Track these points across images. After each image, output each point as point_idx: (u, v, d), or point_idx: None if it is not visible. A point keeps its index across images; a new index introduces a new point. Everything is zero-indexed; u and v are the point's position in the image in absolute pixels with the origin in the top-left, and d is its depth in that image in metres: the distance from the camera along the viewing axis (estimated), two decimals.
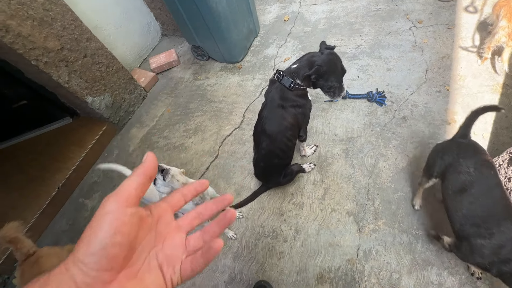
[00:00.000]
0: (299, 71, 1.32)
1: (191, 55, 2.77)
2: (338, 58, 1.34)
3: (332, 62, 1.31)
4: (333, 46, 1.38)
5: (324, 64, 1.29)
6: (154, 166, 0.34)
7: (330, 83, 1.34)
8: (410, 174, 1.59)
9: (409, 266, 1.35)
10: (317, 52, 1.38)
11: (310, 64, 1.31)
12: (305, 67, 1.31)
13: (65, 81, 1.93)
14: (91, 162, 2.30)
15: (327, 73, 1.31)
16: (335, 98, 1.44)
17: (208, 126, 2.19)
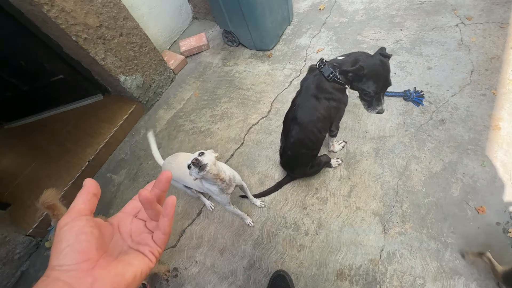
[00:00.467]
0: (341, 64, 1.26)
1: (221, 40, 2.75)
2: (386, 68, 1.23)
3: (377, 69, 1.21)
4: (389, 55, 1.28)
5: (367, 67, 1.19)
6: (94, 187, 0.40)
7: (367, 90, 1.25)
8: (444, 180, 1.52)
9: (435, 273, 1.31)
10: (369, 53, 1.30)
11: (354, 62, 1.24)
12: (349, 62, 1.25)
13: (101, 58, 1.98)
14: (120, 139, 2.38)
15: (367, 77, 1.21)
16: (369, 110, 1.36)
17: (234, 113, 2.19)
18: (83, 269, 0.31)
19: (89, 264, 0.32)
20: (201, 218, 1.78)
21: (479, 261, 1.27)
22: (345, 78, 1.29)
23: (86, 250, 0.32)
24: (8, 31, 1.92)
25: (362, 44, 2.21)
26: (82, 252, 0.32)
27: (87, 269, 0.31)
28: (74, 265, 0.31)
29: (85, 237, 0.33)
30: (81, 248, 0.32)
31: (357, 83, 1.27)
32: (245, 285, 1.49)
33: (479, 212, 1.39)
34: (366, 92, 1.27)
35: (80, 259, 0.32)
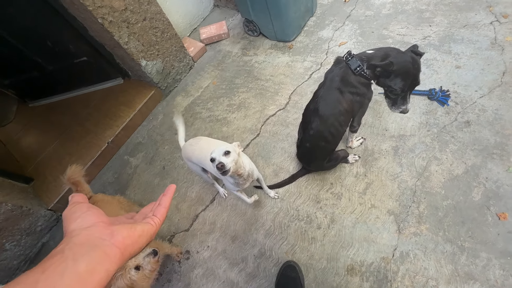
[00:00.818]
0: (370, 58, 1.23)
1: (241, 29, 2.72)
2: (417, 67, 1.18)
3: (407, 66, 1.16)
4: (422, 53, 1.23)
5: (397, 63, 1.15)
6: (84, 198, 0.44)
7: (393, 87, 1.21)
8: (465, 183, 1.48)
9: (449, 276, 1.29)
10: (400, 49, 1.25)
11: (384, 56, 1.21)
12: (378, 57, 1.22)
13: (124, 42, 2.01)
14: (138, 123, 2.43)
15: (395, 74, 1.17)
16: (392, 109, 1.33)
17: (252, 104, 2.19)
18: (100, 225, 0.37)
19: (104, 223, 0.38)
20: (215, 205, 1.81)
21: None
22: (372, 73, 1.25)
23: (99, 215, 0.39)
24: (37, 12, 1.97)
25: (387, 39, 2.14)
26: (96, 216, 0.38)
27: (104, 226, 0.37)
28: (92, 223, 0.37)
29: (95, 209, 0.40)
30: (94, 213, 0.39)
31: (384, 79, 1.24)
32: (255, 273, 1.52)
33: (500, 219, 1.35)
34: (393, 89, 1.23)
35: (96, 220, 0.38)
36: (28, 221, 1.94)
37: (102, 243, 0.34)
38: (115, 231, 0.37)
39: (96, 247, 0.34)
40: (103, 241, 0.35)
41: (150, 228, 0.42)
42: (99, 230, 0.36)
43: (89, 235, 0.35)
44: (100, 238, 0.35)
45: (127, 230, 0.38)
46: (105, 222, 0.38)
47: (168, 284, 1.62)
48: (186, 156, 1.53)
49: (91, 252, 0.33)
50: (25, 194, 2.06)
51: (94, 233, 0.35)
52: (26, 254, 2.00)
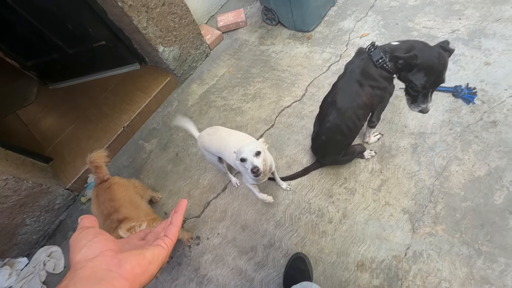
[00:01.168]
0: (394, 50, 1.17)
1: (259, 17, 2.67)
2: (443, 63, 1.11)
3: (432, 62, 1.09)
4: (452, 50, 1.15)
5: (421, 57, 1.09)
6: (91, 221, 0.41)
7: (415, 82, 1.15)
8: (487, 185, 1.42)
9: (463, 279, 1.26)
10: (428, 44, 1.18)
11: (409, 49, 1.14)
12: (403, 49, 1.16)
13: (143, 27, 2.01)
14: (153, 109, 2.46)
15: (418, 68, 1.11)
16: (411, 107, 1.27)
17: (267, 94, 2.16)
18: (107, 254, 0.34)
19: (111, 252, 0.35)
20: (226, 193, 1.83)
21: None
22: (394, 66, 1.20)
23: (106, 243, 0.36)
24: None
25: (412, 31, 2.04)
26: (103, 243, 0.36)
27: (111, 255, 0.34)
28: (99, 253, 0.34)
29: (102, 235, 0.37)
30: (101, 240, 0.36)
31: (406, 73, 1.18)
32: (263, 262, 1.54)
33: None
34: (414, 85, 1.18)
35: (102, 248, 0.35)
36: (47, 198, 2.02)
37: (108, 276, 0.32)
38: (123, 260, 0.34)
39: (102, 280, 0.31)
40: (110, 273, 0.32)
41: (161, 251, 0.39)
42: (105, 260, 0.33)
43: (94, 267, 0.32)
44: (107, 270, 0.32)
45: (136, 258, 0.35)
46: (113, 250, 0.35)
47: (178, 267, 1.67)
48: (203, 145, 1.52)
49: (97, 287, 0.30)
50: (44, 173, 2.14)
51: (101, 265, 0.33)
52: (44, 230, 2.09)
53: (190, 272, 1.63)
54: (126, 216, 1.32)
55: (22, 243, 1.99)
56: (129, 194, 1.51)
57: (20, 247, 2.00)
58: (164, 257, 0.39)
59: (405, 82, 1.24)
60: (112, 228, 1.28)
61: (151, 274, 0.36)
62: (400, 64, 1.16)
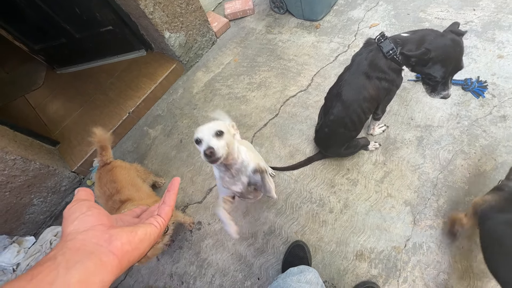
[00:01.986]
0: (406, 42, 1.13)
1: (267, 5, 2.63)
2: (459, 50, 1.08)
3: (447, 51, 1.06)
4: (463, 32, 1.11)
5: (435, 50, 1.05)
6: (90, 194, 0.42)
7: (433, 74, 1.12)
8: (493, 181, 1.40)
9: (462, 272, 1.26)
10: (438, 31, 1.15)
11: (420, 41, 1.11)
12: (414, 41, 1.12)
13: (150, 12, 1.99)
14: (158, 96, 2.46)
15: (434, 61, 1.08)
16: (432, 95, 1.23)
17: (273, 83, 2.14)
18: (98, 229, 0.34)
19: (103, 227, 0.35)
20: None
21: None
22: (405, 60, 1.17)
23: (98, 217, 0.36)
24: None
25: (424, 22, 1.99)
26: (96, 217, 0.35)
27: (102, 229, 0.34)
28: (90, 227, 0.34)
29: (96, 209, 0.37)
30: (94, 214, 0.36)
31: (421, 67, 1.14)
32: (263, 248, 1.55)
33: None
34: (432, 77, 1.14)
35: (95, 222, 0.35)
36: (54, 180, 2.07)
37: (98, 250, 0.32)
38: (114, 235, 0.34)
39: (91, 254, 0.31)
40: (100, 247, 0.32)
41: (154, 230, 0.39)
42: (96, 234, 0.33)
43: (85, 240, 0.32)
44: (97, 244, 0.32)
45: (127, 235, 0.35)
46: (105, 225, 0.35)
47: (179, 251, 1.70)
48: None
49: (86, 259, 0.30)
50: (51, 155, 2.18)
51: (91, 238, 0.32)
52: (51, 210, 2.15)
53: (191, 255, 1.66)
54: (129, 197, 1.35)
55: (29, 222, 2.05)
56: (130, 177, 1.53)
57: (28, 226, 2.06)
58: (156, 236, 0.39)
59: (422, 75, 1.21)
60: (114, 208, 1.30)
61: (141, 252, 0.36)
62: (413, 62, 1.13)
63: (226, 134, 0.89)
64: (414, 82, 1.78)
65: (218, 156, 0.83)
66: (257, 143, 1.91)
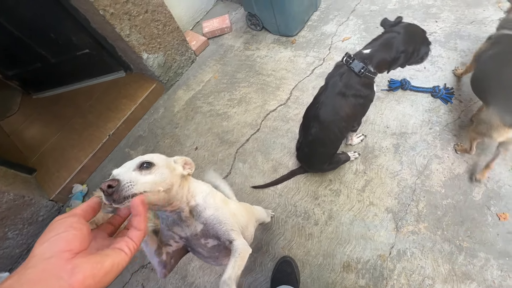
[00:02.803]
0: (373, 56, 1.21)
1: (244, 23, 2.70)
2: (416, 28, 1.25)
3: (415, 36, 1.23)
4: (399, 19, 1.27)
5: (407, 44, 1.19)
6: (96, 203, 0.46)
7: (424, 57, 1.29)
8: (466, 182, 1.46)
9: (446, 275, 1.28)
10: (390, 33, 1.25)
11: (388, 48, 1.19)
12: (382, 51, 1.20)
13: (126, 35, 2.00)
14: (139, 116, 2.44)
15: (415, 50, 1.23)
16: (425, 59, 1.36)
17: (253, 98, 2.17)
18: (63, 257, 0.33)
19: (70, 254, 0.34)
20: None
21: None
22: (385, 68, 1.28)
23: (70, 241, 0.35)
24: (40, 3, 1.97)
25: None
26: (67, 241, 0.34)
27: (67, 258, 0.33)
28: (56, 253, 0.33)
29: (73, 230, 0.36)
30: (67, 237, 0.35)
31: (408, 61, 1.28)
32: (251, 267, 1.53)
33: (500, 219, 1.33)
34: (422, 58, 1.30)
35: (63, 248, 0.34)
36: (30, 210, 1.97)
37: (57, 283, 0.30)
38: (77, 267, 0.32)
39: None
40: (59, 281, 0.31)
41: (123, 259, 0.38)
42: (59, 264, 0.32)
43: (45, 271, 0.31)
44: (57, 276, 0.31)
45: (92, 267, 0.33)
46: (72, 252, 0.34)
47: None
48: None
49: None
50: (27, 184, 2.09)
51: (52, 269, 0.31)
52: (28, 243, 2.03)
53: (177, 280, 1.61)
54: None
55: (4, 258, 1.93)
56: None
57: (3, 262, 1.93)
58: (125, 265, 0.38)
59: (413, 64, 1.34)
60: None
61: (105, 285, 0.35)
62: (400, 65, 1.26)
63: (162, 169, 0.61)
64: (387, 92, 1.85)
65: (128, 193, 0.50)
66: (240, 159, 1.91)
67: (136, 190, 0.52)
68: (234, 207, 0.85)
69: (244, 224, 0.87)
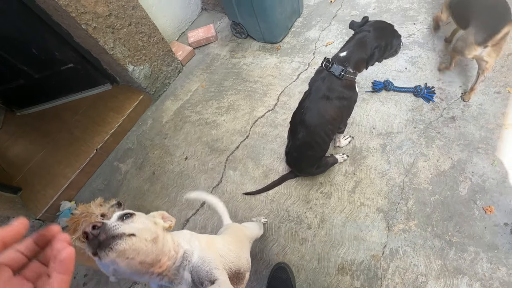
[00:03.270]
0: (350, 58, 1.24)
1: (229, 31, 2.73)
2: (383, 23, 1.32)
3: (384, 31, 1.29)
4: (365, 18, 1.35)
5: (379, 39, 1.25)
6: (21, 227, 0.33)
7: (397, 50, 1.37)
8: (452, 178, 1.49)
9: (438, 271, 1.30)
10: (361, 33, 1.29)
11: (362, 47, 1.23)
12: (357, 51, 1.24)
13: (110, 48, 1.99)
14: (127, 129, 2.41)
15: (388, 44, 1.28)
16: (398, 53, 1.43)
17: (241, 106, 2.18)
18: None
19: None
20: (205, 209, 1.80)
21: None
22: (362, 66, 1.31)
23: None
24: (21, 19, 1.94)
25: None
26: None
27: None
28: None
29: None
30: None
31: (382, 58, 1.35)
32: None
33: (486, 212, 1.36)
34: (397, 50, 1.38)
35: None
36: None
37: None
38: None
39: None
40: None
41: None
42: None
43: None
44: None
45: None
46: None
47: None
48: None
49: None
50: (12, 204, 2.02)
51: None
52: None
53: None
54: None
55: None
56: None
57: None
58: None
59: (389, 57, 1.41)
60: None
61: None
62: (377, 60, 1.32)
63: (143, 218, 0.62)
64: (371, 93, 1.89)
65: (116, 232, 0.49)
66: (230, 167, 1.91)
67: (124, 230, 0.50)
68: (220, 245, 0.84)
69: (234, 258, 0.86)
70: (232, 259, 0.84)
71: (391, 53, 1.36)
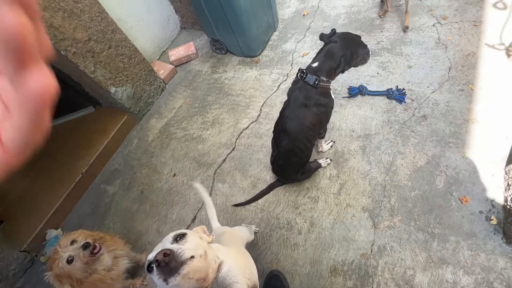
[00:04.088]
0: (322, 67, 1.33)
1: (209, 48, 2.80)
2: (349, 35, 1.40)
3: (350, 42, 1.37)
4: (333, 31, 1.44)
5: (344, 49, 1.33)
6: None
7: (360, 56, 1.42)
8: (429, 173, 1.58)
9: (424, 263, 1.36)
10: (329, 44, 1.39)
11: (331, 57, 1.32)
12: (327, 61, 1.32)
13: (91, 71, 2.01)
14: (113, 150, 2.39)
15: (353, 53, 1.36)
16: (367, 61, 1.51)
17: (225, 119, 2.23)
18: None
19: None
20: (196, 223, 1.80)
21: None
22: (333, 75, 1.38)
23: None
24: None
25: None
26: None
27: None
28: None
29: None
30: None
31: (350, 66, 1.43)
32: None
33: (462, 202, 1.45)
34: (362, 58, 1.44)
35: None
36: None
37: None
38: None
39: None
40: None
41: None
42: None
43: None
44: None
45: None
46: None
47: None
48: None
49: None
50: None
51: None
52: None
53: None
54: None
55: None
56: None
57: None
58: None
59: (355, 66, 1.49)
60: None
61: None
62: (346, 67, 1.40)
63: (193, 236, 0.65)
64: (348, 98, 1.99)
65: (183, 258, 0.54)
66: (219, 179, 1.93)
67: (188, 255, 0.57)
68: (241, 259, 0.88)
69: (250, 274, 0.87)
70: (249, 276, 0.85)
71: (360, 61, 1.46)
